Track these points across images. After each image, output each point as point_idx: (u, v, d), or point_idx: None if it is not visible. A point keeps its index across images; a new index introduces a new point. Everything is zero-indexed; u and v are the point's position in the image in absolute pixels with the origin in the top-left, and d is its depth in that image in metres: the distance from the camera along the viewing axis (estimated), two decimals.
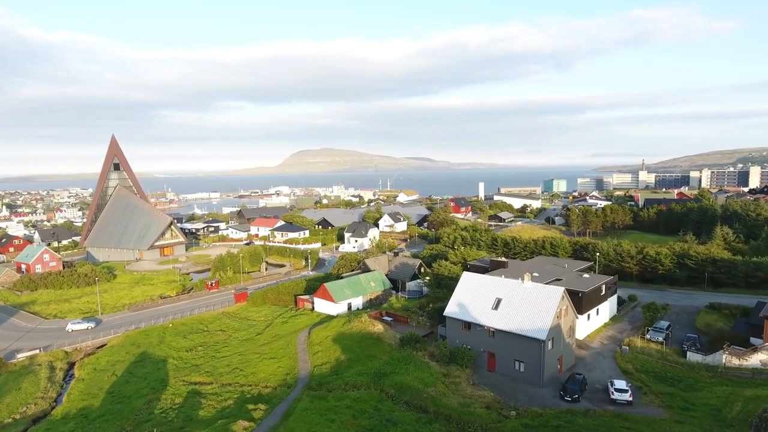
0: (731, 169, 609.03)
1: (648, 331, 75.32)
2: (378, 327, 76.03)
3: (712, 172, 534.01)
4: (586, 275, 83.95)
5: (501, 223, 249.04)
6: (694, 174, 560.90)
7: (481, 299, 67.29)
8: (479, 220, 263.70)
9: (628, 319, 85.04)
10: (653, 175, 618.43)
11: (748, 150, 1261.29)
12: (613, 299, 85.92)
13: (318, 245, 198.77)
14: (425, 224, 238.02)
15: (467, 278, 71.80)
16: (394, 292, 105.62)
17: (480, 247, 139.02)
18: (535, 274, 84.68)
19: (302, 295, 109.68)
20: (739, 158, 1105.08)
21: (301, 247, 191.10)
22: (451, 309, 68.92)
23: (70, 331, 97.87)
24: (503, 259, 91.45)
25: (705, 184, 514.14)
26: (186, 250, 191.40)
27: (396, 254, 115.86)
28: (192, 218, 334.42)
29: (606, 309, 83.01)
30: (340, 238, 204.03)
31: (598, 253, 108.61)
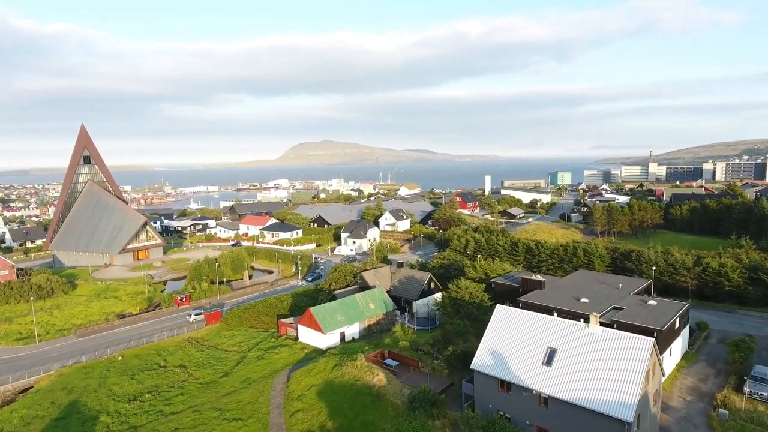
0: (737, 161, 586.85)
1: (745, 381, 55.40)
2: (378, 377, 56.14)
3: (727, 164, 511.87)
4: (651, 301, 63.93)
5: (512, 220, 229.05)
6: (707, 166, 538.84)
7: (524, 347, 47.36)
8: (488, 216, 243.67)
9: (705, 358, 65.09)
10: (663, 167, 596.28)
11: (752, 141, 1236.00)
12: (686, 331, 66.01)
13: (312, 246, 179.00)
14: (430, 222, 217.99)
15: (503, 315, 51.79)
16: (398, 313, 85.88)
17: (497, 254, 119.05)
18: (584, 300, 64.82)
19: (286, 317, 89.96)
20: (744, 150, 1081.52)
21: (292, 249, 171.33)
22: (481, 359, 49.00)
23: (192, 321, 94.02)
24: (538, 277, 71.40)
25: (719, 176, 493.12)
26: (164, 252, 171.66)
27: (400, 265, 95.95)
28: (184, 214, 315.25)
29: (678, 346, 63.09)
30: (337, 238, 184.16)
31: (654, 267, 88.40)
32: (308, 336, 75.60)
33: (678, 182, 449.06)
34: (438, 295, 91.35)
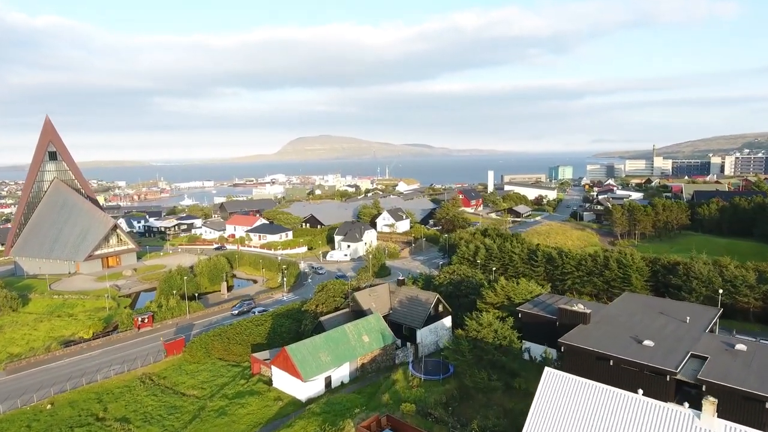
0: (737, 154, 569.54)
1: None
2: None
3: (736, 158, 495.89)
4: (739, 345, 47.73)
5: (519, 219, 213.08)
6: (714, 160, 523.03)
7: None
8: (493, 215, 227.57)
9: None
10: (669, 161, 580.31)
11: (752, 135, 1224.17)
12: None
13: (302, 250, 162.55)
14: (431, 222, 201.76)
15: (555, 385, 35.56)
16: (398, 344, 69.98)
17: (512, 263, 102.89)
18: (648, 343, 48.61)
19: (263, 348, 73.88)
20: (744, 143, 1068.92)
21: (279, 253, 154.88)
22: None
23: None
24: (581, 307, 54.95)
25: (728, 170, 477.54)
26: (138, 258, 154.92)
27: (401, 282, 79.65)
28: (173, 212, 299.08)
29: None
30: (331, 241, 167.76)
31: (720, 291, 72.08)
32: (284, 382, 59.25)
33: (687, 176, 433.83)
34: (447, 321, 75.30)
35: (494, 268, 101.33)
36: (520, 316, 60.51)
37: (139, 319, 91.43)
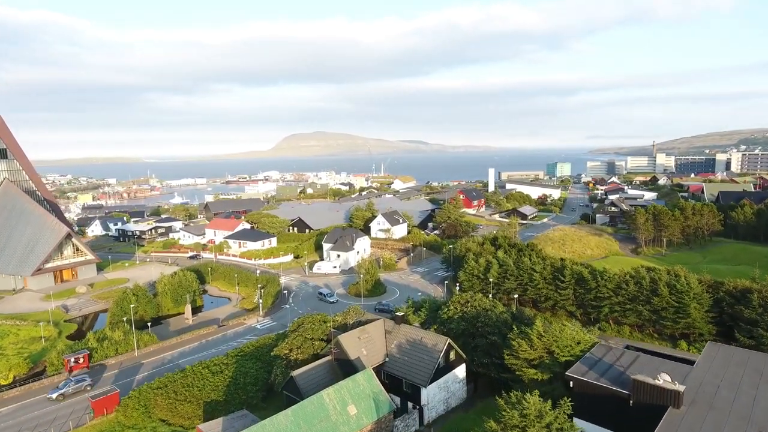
0: (734, 150, 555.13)
1: None
2: None
3: (743, 155, 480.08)
4: None
5: (526, 222, 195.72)
6: (720, 157, 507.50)
7: None
8: (496, 216, 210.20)
9: None
10: (672, 158, 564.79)
11: (748, 131, 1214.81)
12: None
13: (288, 259, 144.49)
14: (430, 225, 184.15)
15: None
16: (396, 404, 52.32)
17: (533, 283, 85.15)
18: None
19: (218, 408, 56.03)
20: (740, 140, 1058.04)
21: (260, 263, 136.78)
22: None
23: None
24: (666, 380, 37.16)
25: (734, 167, 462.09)
26: (99, 270, 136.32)
27: (400, 320, 61.60)
28: (156, 212, 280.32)
29: None
30: (320, 248, 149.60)
31: None
32: None
33: (693, 174, 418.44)
34: (460, 371, 57.65)
35: (515, 295, 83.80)
36: (571, 385, 42.63)
37: (71, 359, 72.80)
